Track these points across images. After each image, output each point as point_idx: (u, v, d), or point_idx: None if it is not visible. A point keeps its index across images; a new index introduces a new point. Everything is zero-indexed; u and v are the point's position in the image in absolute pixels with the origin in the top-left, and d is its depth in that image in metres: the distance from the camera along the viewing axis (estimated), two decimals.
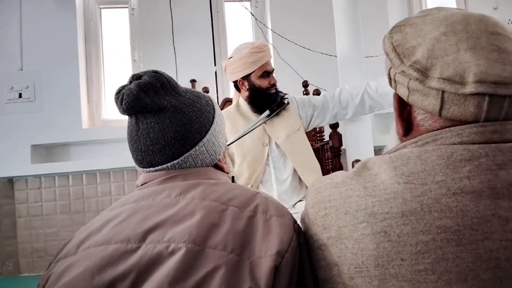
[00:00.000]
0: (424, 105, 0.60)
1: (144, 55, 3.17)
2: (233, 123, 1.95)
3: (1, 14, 3.03)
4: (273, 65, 2.00)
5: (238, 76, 1.93)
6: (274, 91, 1.93)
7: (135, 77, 0.77)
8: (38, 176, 2.96)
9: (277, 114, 1.93)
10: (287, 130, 1.96)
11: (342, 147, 2.31)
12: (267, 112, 1.88)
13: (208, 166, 0.79)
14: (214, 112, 0.81)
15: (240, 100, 2.05)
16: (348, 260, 0.58)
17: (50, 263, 0.69)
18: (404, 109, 0.66)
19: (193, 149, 0.76)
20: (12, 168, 2.89)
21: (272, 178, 1.94)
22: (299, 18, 3.26)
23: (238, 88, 2.01)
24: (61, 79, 3.03)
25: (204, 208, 0.64)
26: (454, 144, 0.57)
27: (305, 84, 2.80)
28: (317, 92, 2.63)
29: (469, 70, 0.55)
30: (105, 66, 3.31)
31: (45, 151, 3.11)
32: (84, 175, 2.99)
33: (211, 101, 0.83)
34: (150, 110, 0.74)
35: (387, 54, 0.66)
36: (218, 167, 0.82)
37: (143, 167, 0.77)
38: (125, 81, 0.78)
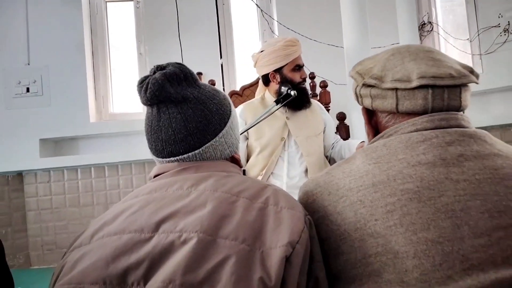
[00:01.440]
0: (385, 106, 0.76)
1: (150, 48, 3.17)
2: (257, 115, 1.93)
3: (7, 8, 3.04)
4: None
5: (270, 69, 1.94)
6: (304, 85, 1.95)
7: (159, 68, 0.78)
8: (47, 170, 2.99)
9: (300, 112, 1.96)
10: (308, 131, 1.97)
11: (350, 139, 2.30)
12: (274, 103, 1.88)
13: (226, 158, 0.81)
14: (230, 106, 0.84)
15: (266, 93, 2.06)
16: (334, 232, 0.70)
17: (64, 253, 0.70)
18: (371, 119, 0.83)
19: (214, 140, 0.77)
20: (21, 162, 2.92)
21: (284, 172, 1.94)
22: (305, 9, 3.24)
23: (266, 82, 2.01)
24: (68, 73, 3.04)
25: (215, 199, 0.65)
26: (411, 132, 0.72)
27: (312, 76, 2.79)
28: (323, 84, 2.62)
29: (413, 72, 0.72)
30: (112, 59, 3.31)
31: (53, 145, 3.13)
32: (92, 169, 3.01)
33: (227, 96, 0.85)
34: (174, 100, 0.75)
35: (352, 77, 0.84)
36: (235, 159, 0.84)
37: (163, 157, 0.78)
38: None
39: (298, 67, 1.94)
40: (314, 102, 2.12)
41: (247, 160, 2.02)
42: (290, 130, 1.95)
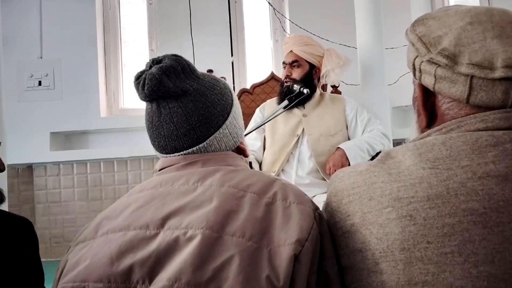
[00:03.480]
0: (452, 92, 0.60)
1: (162, 44, 3.18)
2: (274, 111, 1.92)
3: (21, 2, 3.06)
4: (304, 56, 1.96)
5: None
6: (289, 83, 1.92)
7: (155, 61, 0.75)
8: (57, 163, 3.01)
9: (320, 108, 1.95)
10: (323, 129, 1.93)
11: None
12: (286, 102, 1.87)
13: (231, 149, 0.78)
14: (232, 95, 0.80)
15: None
16: (372, 245, 0.58)
17: (69, 248, 0.70)
18: (428, 99, 0.66)
19: (218, 132, 0.74)
20: (31, 155, 2.94)
21: (293, 169, 1.92)
22: (317, 8, 3.21)
23: None
24: (80, 67, 3.05)
25: (222, 195, 0.63)
26: (479, 130, 0.57)
27: (323, 75, 2.77)
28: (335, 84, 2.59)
29: (497, 56, 0.56)
30: (123, 55, 3.32)
31: (63, 139, 3.15)
32: (102, 163, 3.02)
33: (227, 84, 0.81)
34: (173, 94, 0.72)
35: (412, 44, 0.65)
36: (240, 149, 0.81)
37: (167, 153, 0.75)
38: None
39: (284, 65, 1.97)
40: (341, 97, 2.10)
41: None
42: (304, 127, 1.93)
